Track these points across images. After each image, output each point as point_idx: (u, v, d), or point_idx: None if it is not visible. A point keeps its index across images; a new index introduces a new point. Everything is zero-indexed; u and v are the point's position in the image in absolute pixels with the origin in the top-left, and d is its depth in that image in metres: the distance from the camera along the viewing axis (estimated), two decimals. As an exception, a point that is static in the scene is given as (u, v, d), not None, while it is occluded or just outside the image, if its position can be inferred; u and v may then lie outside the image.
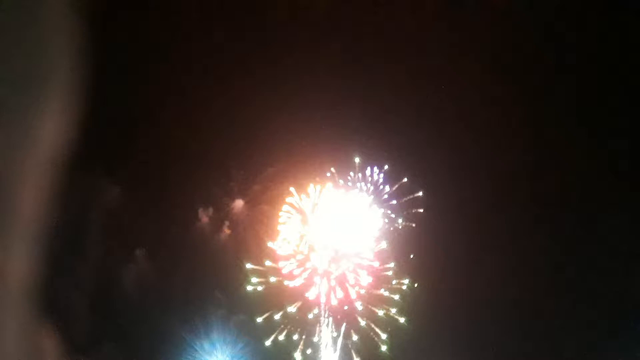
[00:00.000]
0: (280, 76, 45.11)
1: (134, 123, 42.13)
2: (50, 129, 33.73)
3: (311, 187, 46.42)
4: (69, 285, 38.43)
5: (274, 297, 43.21)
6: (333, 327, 44.10)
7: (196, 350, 36.84)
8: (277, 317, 42.18)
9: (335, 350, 42.74)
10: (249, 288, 42.82)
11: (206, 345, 36.46)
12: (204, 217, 48.46)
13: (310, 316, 42.79)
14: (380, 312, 43.77)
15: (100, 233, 42.54)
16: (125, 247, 43.86)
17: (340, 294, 44.74)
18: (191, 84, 44.17)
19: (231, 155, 47.02)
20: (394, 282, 45.24)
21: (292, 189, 45.43)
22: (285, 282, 43.37)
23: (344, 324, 43.68)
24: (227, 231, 48.65)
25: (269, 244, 44.49)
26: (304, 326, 42.96)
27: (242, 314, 41.32)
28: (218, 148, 46.89)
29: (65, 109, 32.83)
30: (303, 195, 46.08)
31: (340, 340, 43.43)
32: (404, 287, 43.94)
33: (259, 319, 41.71)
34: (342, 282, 45.50)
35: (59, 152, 34.23)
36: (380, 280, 44.95)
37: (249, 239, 46.57)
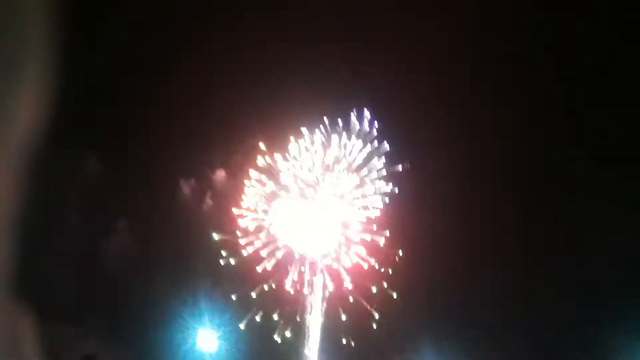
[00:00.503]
0: (258, 43, 44.62)
1: (112, 94, 41.44)
2: (26, 102, 32.92)
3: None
4: (50, 261, 38.46)
5: (249, 274, 43.60)
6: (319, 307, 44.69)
7: (181, 321, 37.22)
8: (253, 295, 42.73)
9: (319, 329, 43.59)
10: (222, 262, 43.12)
11: (191, 316, 36.84)
12: (186, 188, 48.32)
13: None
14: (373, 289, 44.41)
15: (80, 206, 42.48)
16: (106, 219, 43.96)
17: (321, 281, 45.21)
18: (170, 54, 43.47)
19: (212, 124, 46.68)
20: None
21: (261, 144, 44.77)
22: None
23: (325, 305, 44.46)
24: (209, 202, 48.62)
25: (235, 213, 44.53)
26: (283, 306, 43.64)
27: (224, 287, 41.85)
28: (198, 118, 46.53)
29: (41, 82, 31.98)
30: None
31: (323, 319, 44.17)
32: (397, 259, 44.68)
33: (235, 296, 42.19)
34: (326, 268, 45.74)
35: (37, 126, 33.61)
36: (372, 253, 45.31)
37: (230, 211, 46.67)
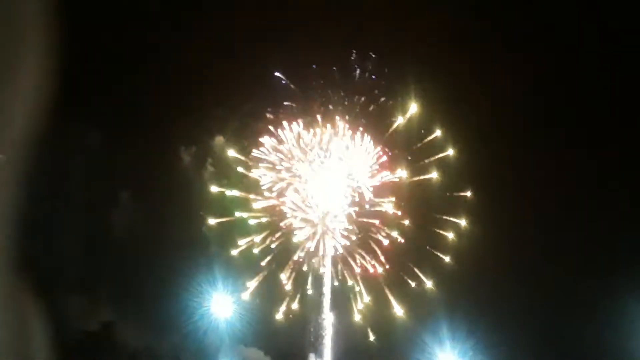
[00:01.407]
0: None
1: (111, 65, 40.86)
2: (27, 74, 32.40)
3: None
4: (54, 233, 38.52)
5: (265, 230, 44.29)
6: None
7: (193, 287, 37.55)
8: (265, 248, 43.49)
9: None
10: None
11: (204, 282, 37.18)
12: (185, 155, 48.27)
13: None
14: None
15: (82, 177, 42.32)
16: (109, 189, 43.93)
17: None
18: (167, 23, 42.73)
19: (208, 91, 46.46)
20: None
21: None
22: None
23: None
24: (209, 168, 48.68)
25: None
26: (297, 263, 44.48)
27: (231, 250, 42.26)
28: (193, 86, 46.25)
29: (41, 56, 31.41)
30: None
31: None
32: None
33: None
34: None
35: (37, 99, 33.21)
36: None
37: (232, 175, 46.81)
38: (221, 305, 34.78)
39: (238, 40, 44.97)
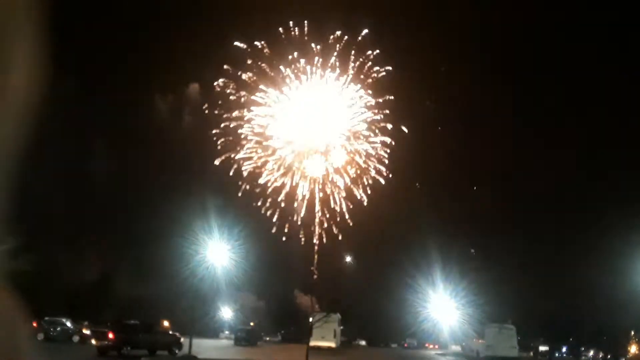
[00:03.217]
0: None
1: (87, 18, 39.44)
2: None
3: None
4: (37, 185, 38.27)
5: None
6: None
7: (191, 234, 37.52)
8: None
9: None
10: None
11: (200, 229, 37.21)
12: (162, 103, 47.52)
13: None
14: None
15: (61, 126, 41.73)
16: (88, 139, 43.46)
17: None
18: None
19: (182, 39, 45.77)
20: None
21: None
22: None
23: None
24: (188, 117, 48.04)
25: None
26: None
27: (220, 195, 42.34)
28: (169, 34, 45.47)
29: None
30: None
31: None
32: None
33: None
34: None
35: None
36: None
37: (212, 121, 46.30)
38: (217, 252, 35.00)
39: None
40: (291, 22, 45.51)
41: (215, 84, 45.82)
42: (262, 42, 45.34)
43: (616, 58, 52.83)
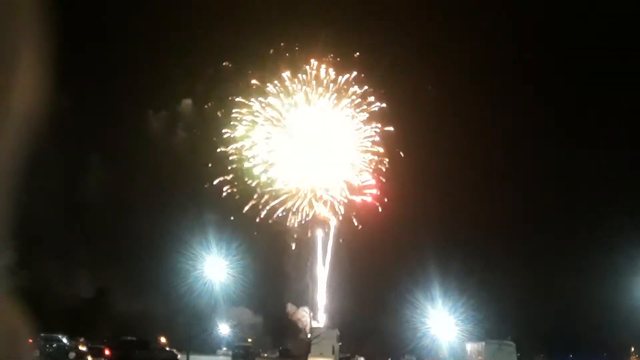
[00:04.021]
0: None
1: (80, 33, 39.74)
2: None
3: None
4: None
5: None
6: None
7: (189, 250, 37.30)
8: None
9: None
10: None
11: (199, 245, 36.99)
12: (154, 120, 47.65)
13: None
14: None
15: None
16: (82, 153, 43.41)
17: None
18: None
19: (173, 55, 46.11)
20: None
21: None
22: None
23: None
24: (180, 133, 48.14)
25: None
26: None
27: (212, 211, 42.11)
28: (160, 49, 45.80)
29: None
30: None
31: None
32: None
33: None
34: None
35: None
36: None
37: (204, 139, 46.46)
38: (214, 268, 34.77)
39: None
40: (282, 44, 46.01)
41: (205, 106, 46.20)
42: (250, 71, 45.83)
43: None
